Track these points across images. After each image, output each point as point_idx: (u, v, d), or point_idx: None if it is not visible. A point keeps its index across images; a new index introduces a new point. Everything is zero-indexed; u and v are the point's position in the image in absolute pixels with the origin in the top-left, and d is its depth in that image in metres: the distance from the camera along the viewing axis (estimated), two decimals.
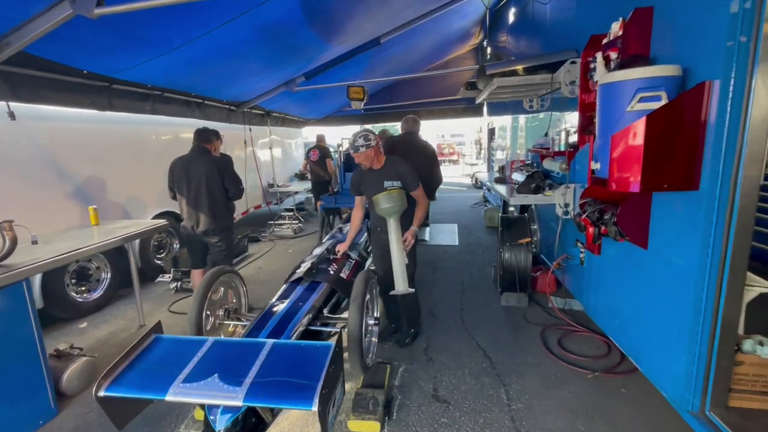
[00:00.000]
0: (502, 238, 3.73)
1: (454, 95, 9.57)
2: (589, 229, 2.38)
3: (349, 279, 2.81)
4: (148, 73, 3.81)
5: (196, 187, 3.40)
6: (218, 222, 3.47)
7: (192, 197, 3.41)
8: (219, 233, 3.49)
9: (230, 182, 3.50)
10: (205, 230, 3.43)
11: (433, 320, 3.62)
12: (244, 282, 2.73)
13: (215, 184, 3.42)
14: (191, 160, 3.45)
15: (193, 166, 3.41)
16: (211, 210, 3.41)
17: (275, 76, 5.32)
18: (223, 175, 3.46)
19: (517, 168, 4.67)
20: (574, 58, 3.25)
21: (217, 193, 3.44)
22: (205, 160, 3.43)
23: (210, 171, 3.40)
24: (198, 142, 3.51)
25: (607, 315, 2.74)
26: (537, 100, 4.68)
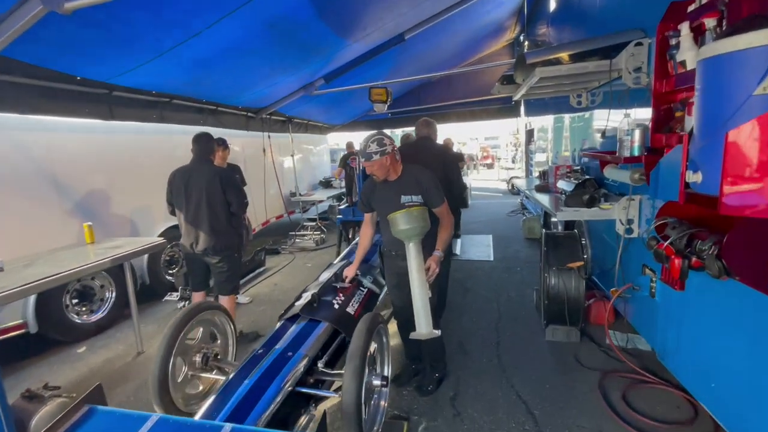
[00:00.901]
0: (547, 260, 3.10)
1: (486, 95, 8.93)
2: (673, 260, 1.76)
3: (357, 315, 2.31)
4: (150, 78, 3.53)
5: (195, 200, 3.05)
6: (220, 240, 3.10)
7: (190, 212, 3.06)
8: (220, 252, 3.12)
9: (233, 195, 3.12)
10: (205, 249, 3.07)
11: (463, 357, 3.04)
12: (231, 319, 2.30)
13: (216, 197, 3.06)
14: (191, 171, 3.10)
15: (193, 178, 3.06)
16: (211, 226, 3.05)
17: (291, 79, 4.96)
18: (225, 188, 3.09)
19: (563, 174, 4.01)
20: (640, 39, 2.61)
21: (218, 208, 3.07)
22: (205, 171, 3.08)
23: (210, 183, 3.04)
24: (198, 151, 3.17)
25: (695, 372, 2.07)
26: (586, 95, 4.00)
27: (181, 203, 3.09)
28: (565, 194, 3.68)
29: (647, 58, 2.60)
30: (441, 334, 2.31)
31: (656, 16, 2.54)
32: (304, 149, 8.75)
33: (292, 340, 1.93)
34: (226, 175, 3.15)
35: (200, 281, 3.30)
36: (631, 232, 2.84)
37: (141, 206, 4.34)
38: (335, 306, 2.29)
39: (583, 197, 2.98)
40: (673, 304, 2.27)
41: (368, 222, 2.62)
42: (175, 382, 1.84)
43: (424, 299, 2.12)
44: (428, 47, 6.28)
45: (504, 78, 3.64)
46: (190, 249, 3.12)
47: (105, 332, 3.77)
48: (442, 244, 2.39)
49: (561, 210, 2.98)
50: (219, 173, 3.10)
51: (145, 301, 4.39)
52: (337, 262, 3.10)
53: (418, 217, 2.18)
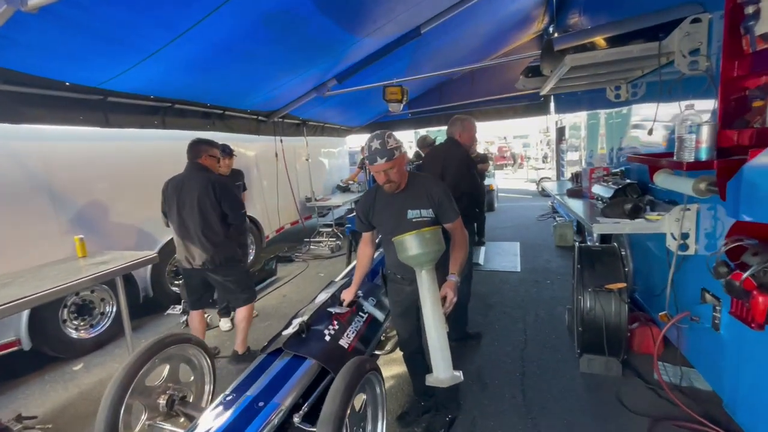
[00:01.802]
0: (581, 279, 2.65)
1: (512, 92, 8.39)
2: (756, 298, 1.31)
3: (352, 349, 1.97)
4: (146, 82, 3.35)
5: (188, 211, 2.83)
6: (218, 252, 2.86)
7: (184, 224, 2.85)
8: (222, 265, 2.88)
9: (227, 206, 2.89)
10: (203, 263, 2.84)
11: (481, 392, 2.64)
12: (209, 354, 2.01)
13: (210, 207, 2.83)
14: (183, 180, 2.89)
15: (185, 188, 2.84)
16: (207, 238, 2.82)
17: (300, 80, 4.70)
18: (220, 198, 2.85)
19: (599, 178, 3.51)
20: (698, 15, 2.13)
21: (212, 219, 2.85)
22: (198, 180, 2.85)
23: (203, 192, 2.81)
24: (188, 157, 2.94)
25: None
26: (626, 87, 3.50)
27: (172, 215, 2.87)
28: (602, 201, 3.21)
29: (707, 38, 2.13)
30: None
31: None
32: (321, 153, 8.53)
33: (267, 384, 1.61)
34: (221, 184, 2.91)
35: (197, 299, 3.08)
36: (686, 249, 2.36)
37: (144, 217, 4.20)
38: (326, 338, 1.96)
39: (624, 206, 2.53)
40: (748, 343, 1.79)
41: (367, 241, 2.27)
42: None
43: (441, 337, 1.73)
44: (448, 42, 5.87)
45: (529, 70, 3.20)
46: (186, 264, 2.90)
47: (104, 348, 3.62)
48: (458, 266, 1.99)
49: (598, 222, 2.53)
50: (212, 181, 2.86)
51: (148, 314, 4.24)
52: (339, 280, 2.78)
53: (431, 239, 1.76)
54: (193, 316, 3.13)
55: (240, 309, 3.02)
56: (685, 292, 2.46)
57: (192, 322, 3.14)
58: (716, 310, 2.13)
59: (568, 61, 2.35)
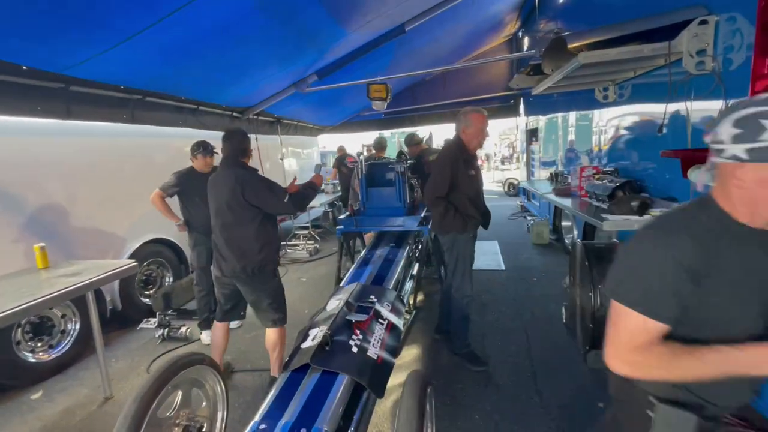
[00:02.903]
0: (591, 277, 2.66)
1: (485, 94, 8.57)
2: None
3: (381, 360, 1.83)
4: (117, 69, 2.98)
5: (218, 216, 2.54)
6: (251, 261, 2.48)
7: (215, 230, 2.60)
8: (254, 277, 2.50)
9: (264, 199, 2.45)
10: (233, 271, 2.51)
11: (497, 395, 2.58)
12: (222, 378, 1.77)
13: (241, 208, 2.45)
14: (214, 179, 2.60)
15: (215, 188, 2.56)
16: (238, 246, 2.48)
17: (283, 74, 4.45)
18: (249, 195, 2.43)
19: (589, 176, 3.60)
20: (705, 17, 2.21)
21: (245, 222, 2.47)
22: (227, 179, 2.48)
23: (232, 193, 2.44)
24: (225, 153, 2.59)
25: None
26: (613, 88, 3.62)
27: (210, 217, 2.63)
28: (597, 198, 3.28)
29: (713, 39, 2.21)
30: None
31: None
32: (294, 152, 8.23)
33: (303, 407, 1.43)
34: (248, 180, 2.46)
35: (228, 310, 2.75)
36: None
37: (111, 219, 3.77)
38: (353, 349, 1.80)
39: (632, 203, 2.58)
40: None
41: None
42: None
43: None
44: (428, 41, 5.85)
45: (532, 67, 3.21)
46: (218, 271, 2.61)
47: (66, 371, 3.18)
48: None
49: (607, 219, 2.56)
50: (241, 180, 2.44)
51: (116, 329, 3.81)
52: (346, 286, 2.61)
53: None
54: (216, 328, 2.79)
55: (271, 330, 2.61)
56: None
57: (214, 335, 2.80)
58: None
59: (582, 58, 2.35)
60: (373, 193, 3.82)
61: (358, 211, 3.96)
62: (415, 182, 4.27)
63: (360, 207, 3.92)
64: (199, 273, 3.50)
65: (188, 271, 4.57)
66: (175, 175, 3.41)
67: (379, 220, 3.67)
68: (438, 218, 2.86)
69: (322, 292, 4.74)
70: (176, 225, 3.47)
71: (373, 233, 4.26)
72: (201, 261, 3.47)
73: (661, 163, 2.94)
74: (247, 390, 2.76)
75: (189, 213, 3.45)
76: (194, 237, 3.46)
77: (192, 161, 3.46)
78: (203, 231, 3.43)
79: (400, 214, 3.66)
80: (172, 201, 3.45)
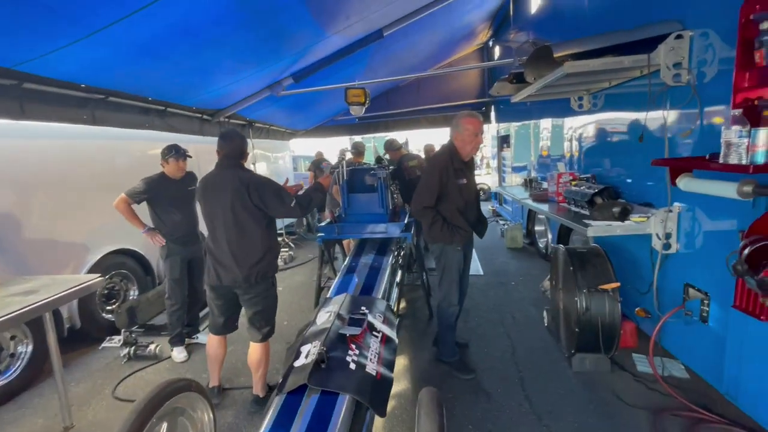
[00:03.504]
0: (576, 282, 2.71)
1: (458, 101, 8.71)
2: None
3: (380, 376, 1.75)
4: (78, 66, 2.74)
5: (220, 220, 2.37)
6: (254, 269, 2.37)
7: (215, 235, 2.41)
8: (256, 285, 2.40)
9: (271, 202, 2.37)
10: (234, 280, 2.37)
11: (487, 402, 2.56)
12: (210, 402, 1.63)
13: (246, 212, 2.35)
14: (212, 181, 2.44)
15: (214, 191, 2.40)
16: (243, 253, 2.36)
17: (258, 76, 4.28)
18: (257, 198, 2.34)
19: (566, 182, 3.70)
20: (680, 32, 2.32)
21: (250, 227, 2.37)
22: (228, 181, 2.36)
23: (236, 196, 2.33)
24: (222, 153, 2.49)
25: None
26: (588, 98, 3.75)
27: (206, 222, 2.45)
28: (576, 204, 3.37)
29: (688, 52, 2.32)
30: None
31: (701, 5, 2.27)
32: (263, 156, 7.97)
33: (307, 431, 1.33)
34: (255, 181, 2.38)
35: (224, 321, 2.57)
36: (670, 248, 2.55)
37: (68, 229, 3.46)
38: (351, 366, 1.71)
39: (613, 209, 2.66)
40: (751, 337, 1.94)
41: None
42: None
43: None
44: (403, 47, 5.86)
45: (514, 75, 3.25)
46: (215, 280, 2.41)
47: (17, 399, 2.86)
48: None
49: (592, 225, 2.62)
50: (247, 181, 2.35)
51: (75, 349, 3.49)
52: (334, 297, 2.50)
53: None
54: (212, 342, 2.61)
55: (256, 346, 2.48)
56: (665, 288, 2.66)
57: (212, 349, 2.62)
58: (704, 304, 2.30)
59: (567, 68, 2.40)
60: (354, 199, 3.73)
61: (339, 217, 3.85)
62: (394, 188, 4.24)
63: (341, 213, 3.82)
64: (172, 285, 3.27)
65: (155, 283, 4.28)
66: (144, 181, 3.16)
67: (361, 227, 3.59)
68: (426, 228, 2.83)
69: (299, 302, 4.58)
70: (144, 233, 3.20)
71: (352, 240, 4.17)
72: (174, 272, 3.25)
73: (637, 169, 3.06)
74: (227, 411, 2.59)
75: (160, 221, 3.22)
76: (167, 247, 3.24)
77: (163, 166, 3.24)
78: (177, 240, 3.28)
79: (382, 220, 3.60)
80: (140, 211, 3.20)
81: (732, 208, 2.00)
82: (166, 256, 3.25)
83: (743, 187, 1.53)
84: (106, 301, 3.83)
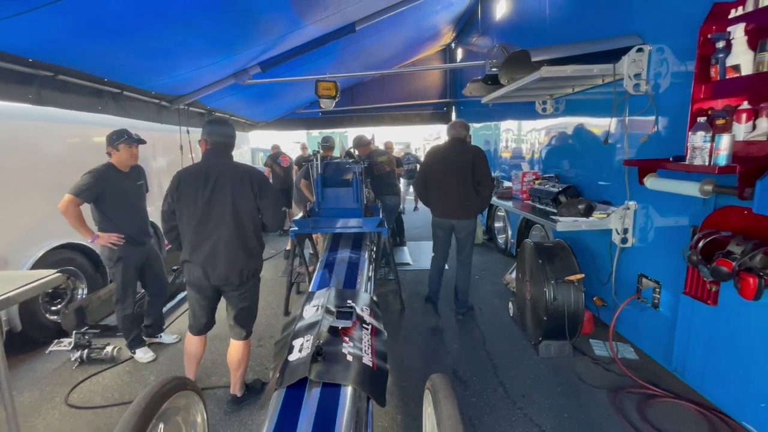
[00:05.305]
0: (545, 273, 2.90)
1: (420, 100, 8.89)
2: (747, 280, 1.61)
3: (377, 367, 1.77)
4: (25, 39, 2.46)
5: (216, 212, 2.21)
6: (248, 264, 2.30)
7: (208, 228, 2.22)
8: (247, 282, 2.33)
9: (270, 205, 2.34)
10: (227, 277, 2.24)
11: (465, 390, 2.67)
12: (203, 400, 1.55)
13: (247, 206, 2.26)
14: (207, 171, 2.23)
15: (212, 181, 2.21)
16: (240, 247, 2.25)
17: (224, 63, 4.09)
18: (260, 194, 2.29)
19: (530, 181, 3.94)
20: (641, 45, 2.55)
21: (248, 221, 2.28)
22: (229, 172, 2.24)
23: (239, 187, 2.23)
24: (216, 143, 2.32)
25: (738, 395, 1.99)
26: (551, 102, 4.01)
27: (192, 215, 2.21)
28: (539, 201, 3.59)
29: (647, 65, 2.56)
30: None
31: (657, 22, 2.51)
32: None
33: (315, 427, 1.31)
34: (260, 178, 2.33)
35: (208, 321, 2.43)
36: (626, 242, 2.80)
37: (4, 222, 3.10)
38: (347, 357, 1.71)
39: (579, 206, 2.87)
40: (698, 319, 2.20)
41: None
42: None
43: None
44: (373, 43, 5.88)
45: (489, 78, 3.39)
46: (202, 279, 2.23)
47: None
48: None
49: (560, 221, 2.82)
50: (250, 174, 2.29)
51: (15, 355, 3.14)
52: (318, 291, 2.47)
53: None
54: (191, 342, 2.45)
55: (239, 344, 2.40)
56: (620, 279, 2.92)
57: (191, 348, 2.47)
58: (656, 292, 2.57)
59: (544, 72, 2.55)
60: (328, 193, 3.70)
61: (312, 211, 3.80)
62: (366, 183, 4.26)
63: (314, 208, 3.77)
64: (124, 290, 2.94)
65: (107, 281, 3.94)
66: (90, 174, 2.73)
67: (335, 222, 3.57)
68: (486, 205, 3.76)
69: (266, 299, 4.45)
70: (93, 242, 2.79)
71: (322, 235, 4.13)
72: (126, 277, 2.92)
73: (597, 170, 3.33)
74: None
75: (109, 221, 2.81)
76: (120, 249, 2.85)
77: (111, 155, 2.84)
78: (132, 241, 2.92)
79: (357, 215, 3.60)
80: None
81: (684, 205, 2.25)
82: (116, 260, 2.87)
83: (705, 186, 1.75)
84: (50, 301, 3.47)
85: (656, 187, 2.20)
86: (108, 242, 2.78)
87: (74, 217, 2.64)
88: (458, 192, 3.56)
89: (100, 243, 2.80)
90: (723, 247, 1.75)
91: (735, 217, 1.77)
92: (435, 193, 3.68)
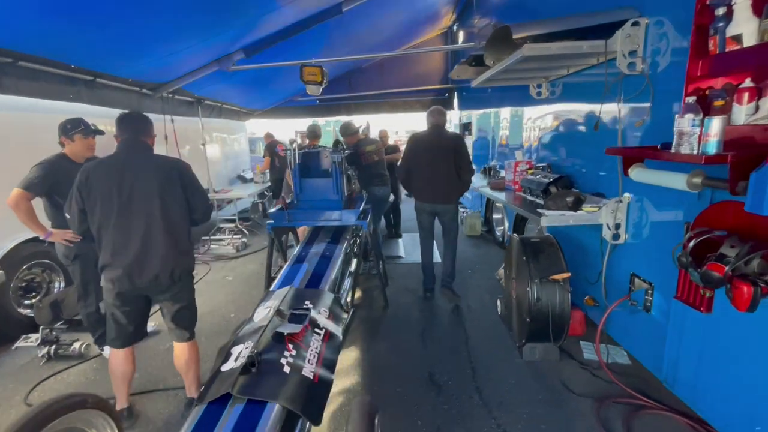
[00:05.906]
0: (529, 272, 2.69)
1: (421, 86, 8.58)
2: (741, 288, 1.37)
3: (318, 378, 1.60)
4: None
5: (142, 208, 2.05)
6: (180, 263, 2.15)
7: (133, 226, 2.05)
8: (180, 281, 2.18)
9: (198, 198, 2.22)
10: (156, 277, 2.07)
11: (437, 396, 2.50)
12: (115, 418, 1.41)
13: (176, 201, 2.12)
14: (123, 164, 2.06)
15: (133, 175, 2.04)
16: (172, 244, 2.10)
17: (202, 47, 3.91)
18: (187, 187, 2.16)
19: (523, 171, 3.68)
20: (636, 18, 2.27)
21: (178, 217, 2.14)
22: (152, 165, 2.09)
23: (166, 181, 2.08)
24: (129, 134, 2.13)
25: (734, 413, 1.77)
26: (546, 86, 3.72)
27: (108, 213, 2.04)
28: (531, 192, 3.35)
29: (643, 40, 2.28)
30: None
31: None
32: (218, 138, 7.50)
33: None
34: (186, 170, 2.20)
35: (133, 331, 2.23)
36: (618, 238, 2.56)
37: None
38: (285, 369, 1.54)
39: (567, 199, 2.63)
40: (690, 327, 1.97)
41: None
42: None
43: None
44: (366, 25, 5.60)
45: (474, 58, 3.13)
46: (126, 282, 2.06)
47: None
48: None
49: (545, 214, 2.58)
50: (176, 167, 2.15)
51: None
52: (277, 290, 2.32)
53: None
54: (117, 355, 2.22)
55: (183, 345, 2.27)
56: (612, 278, 2.69)
57: (117, 366, 2.24)
58: (649, 294, 2.33)
59: (526, 51, 2.30)
60: (307, 184, 3.52)
61: (290, 203, 3.63)
62: (351, 173, 4.05)
63: (293, 200, 3.60)
64: (85, 288, 2.83)
65: None
66: (40, 166, 2.58)
67: (313, 214, 3.40)
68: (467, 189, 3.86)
69: (250, 293, 4.35)
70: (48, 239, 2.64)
71: (307, 228, 3.97)
72: (87, 274, 2.78)
73: (590, 159, 3.06)
74: (159, 416, 2.36)
75: (64, 217, 2.57)
76: (77, 246, 2.69)
77: (65, 144, 2.69)
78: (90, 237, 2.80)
79: (336, 207, 3.42)
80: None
81: (679, 199, 2.00)
82: (73, 257, 2.73)
83: (693, 178, 1.50)
84: (23, 295, 3.41)
85: (641, 179, 1.95)
86: (63, 239, 2.64)
87: (25, 213, 2.49)
88: (442, 178, 3.67)
89: (54, 240, 2.65)
90: (717, 248, 1.52)
91: (732, 215, 1.53)
92: (419, 179, 3.78)
